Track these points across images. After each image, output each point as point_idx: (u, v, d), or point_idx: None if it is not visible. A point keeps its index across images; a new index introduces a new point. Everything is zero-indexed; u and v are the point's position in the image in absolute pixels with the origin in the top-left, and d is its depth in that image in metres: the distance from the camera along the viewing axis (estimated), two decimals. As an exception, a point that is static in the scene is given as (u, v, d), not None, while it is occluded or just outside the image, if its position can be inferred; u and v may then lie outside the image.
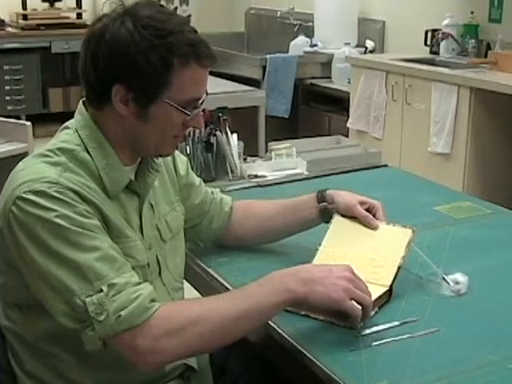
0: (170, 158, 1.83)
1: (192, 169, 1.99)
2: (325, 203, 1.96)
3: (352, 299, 1.55)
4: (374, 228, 1.89)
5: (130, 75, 1.55)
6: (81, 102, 1.67)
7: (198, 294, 2.09)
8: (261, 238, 2.05)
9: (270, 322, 1.66)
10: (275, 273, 1.58)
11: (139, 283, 1.51)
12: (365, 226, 1.90)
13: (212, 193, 2.02)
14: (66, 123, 1.67)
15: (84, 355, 1.55)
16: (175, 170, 1.88)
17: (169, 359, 1.55)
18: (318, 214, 1.97)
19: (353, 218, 1.92)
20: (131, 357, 1.49)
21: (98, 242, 1.50)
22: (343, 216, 1.94)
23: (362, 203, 1.92)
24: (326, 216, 1.96)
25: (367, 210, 1.92)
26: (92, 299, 1.46)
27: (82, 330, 1.49)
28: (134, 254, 1.63)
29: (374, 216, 1.91)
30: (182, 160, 1.92)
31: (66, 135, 1.63)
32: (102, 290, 1.46)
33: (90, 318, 1.46)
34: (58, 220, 1.47)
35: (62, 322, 1.50)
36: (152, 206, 1.73)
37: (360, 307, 1.56)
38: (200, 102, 1.64)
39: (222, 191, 2.10)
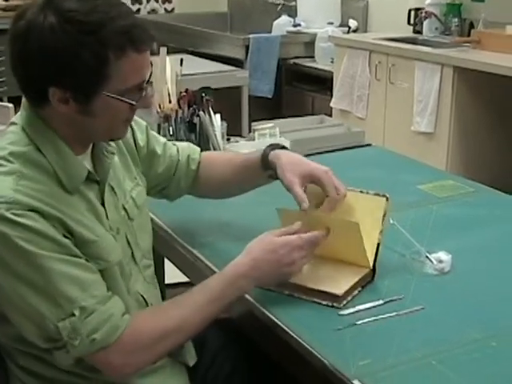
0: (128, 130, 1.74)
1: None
2: (270, 171, 1.90)
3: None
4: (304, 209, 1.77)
5: (63, 76, 1.45)
6: (23, 96, 1.58)
7: (181, 275, 2.09)
8: (221, 193, 2.07)
9: (254, 301, 1.67)
10: (231, 273, 1.63)
11: (109, 298, 1.52)
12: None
13: (177, 151, 1.98)
14: (14, 118, 1.60)
15: None
16: (135, 143, 1.83)
17: (140, 369, 1.59)
18: (268, 178, 1.93)
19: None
20: (105, 371, 1.55)
21: (63, 263, 1.47)
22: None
23: (304, 177, 1.81)
24: (276, 179, 1.90)
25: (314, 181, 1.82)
26: (65, 323, 1.46)
27: (54, 350, 1.50)
28: (104, 256, 1.58)
29: (323, 189, 1.81)
30: (140, 128, 1.87)
31: (14, 135, 1.55)
32: (74, 314, 1.46)
33: (63, 341, 1.47)
34: (21, 244, 1.42)
35: (32, 341, 1.50)
36: (113, 188, 1.68)
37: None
38: (145, 83, 1.55)
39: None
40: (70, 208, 1.53)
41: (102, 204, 1.63)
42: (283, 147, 1.93)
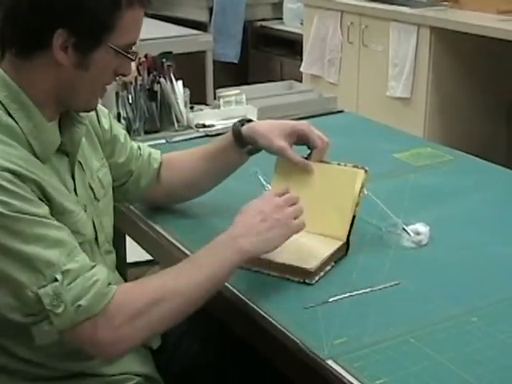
0: (92, 112, 1.76)
1: (124, 119, 1.95)
2: (249, 146, 1.91)
3: (295, 218, 1.64)
4: (311, 171, 1.84)
5: (76, 17, 1.48)
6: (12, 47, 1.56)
7: (143, 253, 2.09)
8: (191, 192, 2.04)
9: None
10: (222, 236, 1.60)
11: (93, 266, 1.48)
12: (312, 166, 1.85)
13: (139, 148, 1.98)
14: None
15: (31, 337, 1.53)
16: (99, 124, 1.83)
17: (131, 347, 1.54)
18: (245, 154, 1.94)
19: None
20: (92, 349, 1.48)
21: (43, 227, 1.44)
22: None
23: (290, 136, 1.85)
24: (255, 153, 1.93)
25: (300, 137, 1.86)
26: (46, 290, 1.41)
27: (33, 324, 1.46)
28: (79, 229, 1.58)
29: (308, 143, 1.86)
30: (104, 113, 1.87)
31: None
32: (56, 280, 1.41)
33: (45, 311, 1.42)
34: None
35: (9, 317, 1.46)
36: (82, 164, 1.68)
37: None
38: (133, 46, 1.60)
39: (167, 142, 2.05)
40: (46, 175, 1.52)
41: (72, 178, 1.64)
42: (249, 120, 1.94)
